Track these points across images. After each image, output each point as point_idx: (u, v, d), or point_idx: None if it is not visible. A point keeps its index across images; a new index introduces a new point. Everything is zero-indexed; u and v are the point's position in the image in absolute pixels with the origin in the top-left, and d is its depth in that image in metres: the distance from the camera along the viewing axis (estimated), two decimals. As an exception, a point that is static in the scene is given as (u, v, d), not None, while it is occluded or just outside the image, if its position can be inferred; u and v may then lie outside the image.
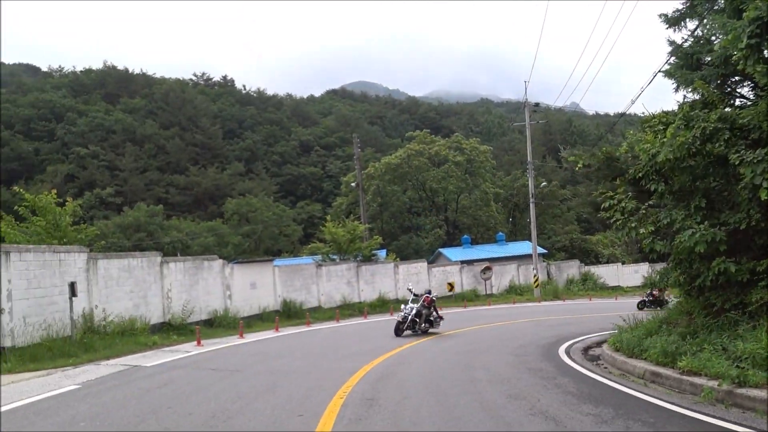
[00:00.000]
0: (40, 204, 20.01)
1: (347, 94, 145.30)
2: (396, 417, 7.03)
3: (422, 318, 17.44)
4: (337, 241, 34.31)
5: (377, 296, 32.13)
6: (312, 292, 28.39)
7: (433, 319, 17.88)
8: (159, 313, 18.92)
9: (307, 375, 10.42)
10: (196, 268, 21.06)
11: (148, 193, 76.50)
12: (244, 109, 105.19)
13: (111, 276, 17.14)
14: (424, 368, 10.91)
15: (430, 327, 17.89)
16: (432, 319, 17.86)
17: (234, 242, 58.26)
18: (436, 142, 64.60)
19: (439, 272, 38.30)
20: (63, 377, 10.79)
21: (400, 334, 16.92)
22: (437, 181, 60.77)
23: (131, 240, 51.93)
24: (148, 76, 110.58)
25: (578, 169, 12.74)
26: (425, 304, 17.64)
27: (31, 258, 14.36)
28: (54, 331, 14.32)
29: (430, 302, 17.76)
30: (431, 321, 17.84)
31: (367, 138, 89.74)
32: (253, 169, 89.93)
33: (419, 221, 66.26)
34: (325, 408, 7.51)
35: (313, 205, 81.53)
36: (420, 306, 17.53)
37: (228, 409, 7.65)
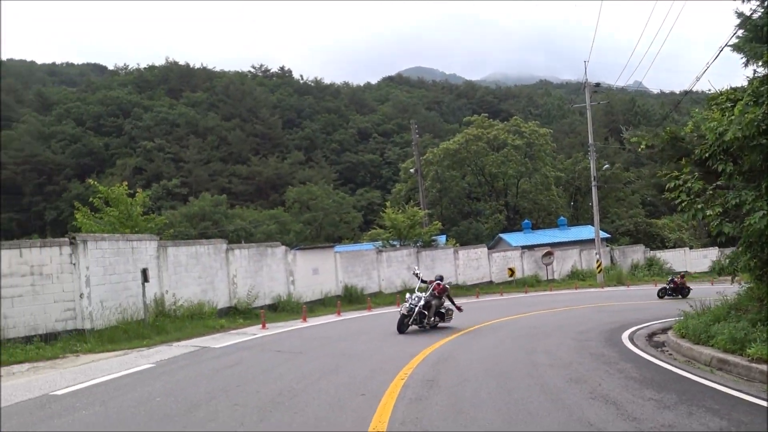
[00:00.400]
0: (112, 195, 20.92)
1: (404, 81, 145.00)
2: (456, 398, 7.14)
3: (432, 310, 14.87)
4: (397, 227, 34.46)
5: (437, 282, 32.15)
6: (372, 278, 28.70)
7: (444, 311, 15.43)
8: (225, 298, 19.57)
9: (369, 357, 10.63)
10: (259, 255, 21.64)
11: (212, 183, 78.65)
12: (302, 99, 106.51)
13: (180, 262, 17.85)
14: (485, 352, 10.96)
15: (441, 321, 15.41)
16: (443, 311, 15.40)
17: (295, 229, 59.25)
18: (494, 126, 63.69)
19: (499, 258, 38.05)
20: (138, 357, 11.39)
21: (404, 330, 14.19)
22: (496, 165, 60.00)
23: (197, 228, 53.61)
24: (209, 70, 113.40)
25: (641, 151, 12.42)
26: (435, 293, 14.99)
27: (106, 246, 15.12)
28: (128, 314, 15.07)
29: (441, 290, 15.13)
30: (442, 314, 15.38)
31: (425, 124, 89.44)
32: (312, 157, 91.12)
33: (479, 206, 65.70)
34: (386, 388, 7.68)
35: (373, 192, 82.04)
36: (429, 295, 14.85)
37: (293, 388, 7.94)
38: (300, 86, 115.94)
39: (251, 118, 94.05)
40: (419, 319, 14.56)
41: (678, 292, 25.28)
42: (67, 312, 13.81)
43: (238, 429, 5.99)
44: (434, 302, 14.91)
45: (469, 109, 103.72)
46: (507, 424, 5.89)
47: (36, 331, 13.17)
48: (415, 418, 6.17)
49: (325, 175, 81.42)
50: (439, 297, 15.13)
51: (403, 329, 14.17)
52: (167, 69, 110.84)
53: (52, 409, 7.18)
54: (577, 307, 21.51)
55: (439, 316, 15.27)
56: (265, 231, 55.93)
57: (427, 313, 14.68)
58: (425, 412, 6.46)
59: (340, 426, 6.01)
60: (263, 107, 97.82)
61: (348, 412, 6.59)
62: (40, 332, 13.18)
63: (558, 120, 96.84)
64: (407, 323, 14.28)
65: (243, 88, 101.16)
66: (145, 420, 6.48)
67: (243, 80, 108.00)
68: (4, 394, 8.13)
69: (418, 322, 14.59)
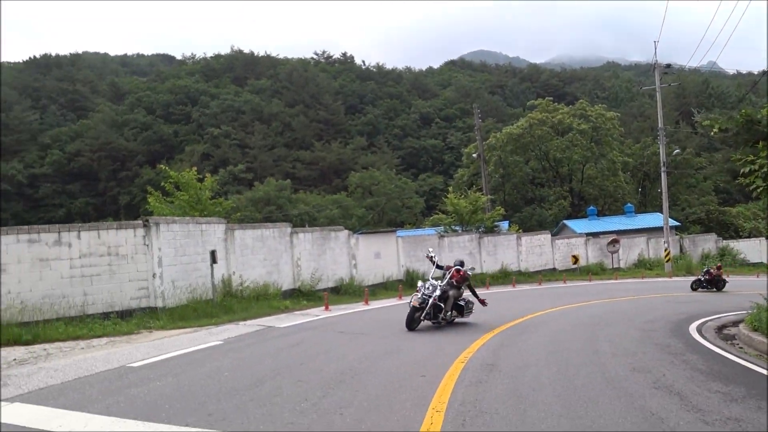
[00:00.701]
0: (183, 180, 21.71)
1: (466, 65, 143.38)
2: (516, 382, 7.15)
3: (449, 302, 12.53)
4: (459, 213, 34.34)
5: (499, 267, 31.94)
6: (434, 263, 28.72)
7: (463, 303, 13.10)
8: (290, 280, 20.05)
9: (429, 340, 10.72)
10: (323, 239, 22.03)
11: (276, 168, 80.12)
12: (364, 85, 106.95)
13: (246, 245, 18.39)
14: (546, 338, 10.89)
15: (459, 315, 13.07)
16: (461, 304, 13.06)
17: (358, 214, 59.83)
18: (559, 110, 62.20)
19: (563, 244, 37.40)
20: (207, 334, 11.86)
21: (414, 326, 11.96)
22: (561, 150, 58.73)
23: (262, 213, 54.84)
24: (272, 58, 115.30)
25: (714, 135, 11.95)
26: (454, 281, 12.77)
27: (177, 229, 15.75)
28: (198, 294, 15.68)
29: (461, 279, 12.93)
30: (460, 307, 13.01)
31: (488, 108, 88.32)
32: (375, 142, 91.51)
33: (542, 192, 64.55)
34: (446, 371, 7.75)
35: (435, 177, 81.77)
36: (446, 284, 12.58)
37: (355, 368, 8.13)
38: (362, 72, 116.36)
39: (314, 104, 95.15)
40: (433, 313, 12.28)
41: (713, 284, 23.54)
42: (141, 291, 14.52)
43: (302, 404, 6.20)
44: (452, 293, 12.64)
45: (533, 93, 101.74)
46: (566, 410, 5.87)
47: (113, 308, 13.91)
48: (475, 400, 6.23)
49: (388, 161, 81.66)
50: (457, 287, 12.92)
51: (413, 325, 11.93)
52: (232, 57, 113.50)
53: (129, 380, 7.63)
54: (642, 296, 20.95)
55: (456, 310, 12.97)
56: (328, 216, 56.68)
57: (443, 306, 12.38)
58: (485, 394, 6.51)
59: (401, 404, 6.12)
60: (326, 93, 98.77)
61: (408, 392, 6.71)
62: (116, 309, 13.92)
63: (626, 103, 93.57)
64: (418, 318, 12.08)
65: (306, 75, 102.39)
66: (215, 392, 6.80)
67: (306, 67, 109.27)
68: (86, 365, 8.71)
69: (431, 317, 12.31)
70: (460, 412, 5.80)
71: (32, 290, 12.98)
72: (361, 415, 5.78)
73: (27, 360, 9.46)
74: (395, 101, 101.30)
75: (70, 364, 8.88)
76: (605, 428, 5.24)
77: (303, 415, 5.78)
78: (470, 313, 13.28)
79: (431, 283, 12.55)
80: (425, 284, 12.60)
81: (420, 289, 12.42)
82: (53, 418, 5.85)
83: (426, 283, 12.61)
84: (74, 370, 8.36)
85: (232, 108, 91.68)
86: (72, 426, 5.56)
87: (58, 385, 7.44)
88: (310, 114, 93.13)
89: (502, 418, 5.57)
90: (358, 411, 5.91)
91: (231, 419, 5.64)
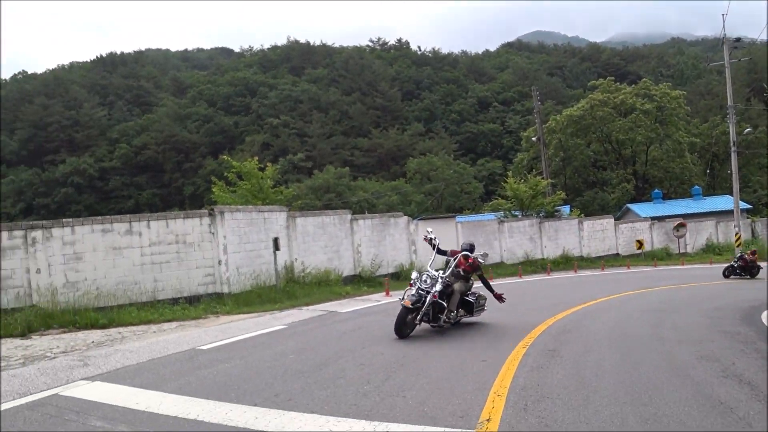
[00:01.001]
0: (245, 170, 22.28)
1: (523, 46, 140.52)
2: (578, 368, 7.07)
3: (454, 299, 9.94)
4: (519, 197, 33.97)
5: (561, 253, 31.47)
6: (494, 248, 28.56)
7: (473, 299, 10.48)
8: (350, 266, 20.32)
9: (490, 326, 10.69)
10: (382, 225, 22.20)
11: (335, 156, 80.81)
12: (420, 70, 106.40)
13: (307, 232, 18.74)
14: (609, 324, 10.69)
15: (468, 314, 10.52)
16: (471, 300, 10.42)
17: (417, 200, 59.74)
18: (621, 89, 60.20)
19: (626, 229, 36.46)
20: (271, 319, 12.20)
21: (408, 333, 9.29)
22: (624, 132, 56.93)
23: (322, 200, 55.49)
24: (328, 47, 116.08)
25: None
26: (461, 270, 10.27)
27: (241, 217, 16.20)
28: (261, 280, 16.12)
29: (471, 268, 10.34)
30: (470, 304, 10.40)
31: (547, 90, 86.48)
32: (432, 128, 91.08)
33: (605, 175, 62.84)
34: (507, 356, 7.74)
35: (494, 162, 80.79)
36: (450, 275, 10.04)
37: (416, 352, 8.22)
38: (418, 57, 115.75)
39: (371, 92, 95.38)
40: (432, 314, 9.57)
41: (746, 271, 22.01)
42: (208, 277, 15.03)
43: (364, 386, 6.33)
44: (457, 286, 10.04)
45: (594, 73, 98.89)
46: (630, 396, 5.77)
47: (181, 293, 14.48)
48: (536, 385, 6.21)
49: (446, 146, 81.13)
50: (465, 277, 10.37)
51: (405, 331, 9.23)
52: (289, 48, 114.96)
53: (199, 361, 7.98)
54: (711, 282, 20.25)
55: (464, 307, 10.40)
56: (387, 202, 56.86)
57: (446, 305, 9.68)
58: (546, 379, 6.48)
59: (462, 388, 6.17)
60: (382, 80, 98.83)
61: (469, 376, 6.76)
62: (184, 295, 14.49)
63: (692, 81, 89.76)
64: (412, 321, 9.33)
65: (362, 63, 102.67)
66: (280, 374, 7.02)
67: (361, 54, 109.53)
68: (159, 347, 9.15)
69: (430, 319, 9.62)
70: (521, 396, 5.80)
71: (106, 277, 13.67)
72: (422, 397, 5.85)
73: (104, 342, 10.01)
74: (452, 86, 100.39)
75: (143, 346, 9.35)
76: (671, 416, 5.13)
77: (366, 397, 5.91)
78: (482, 311, 10.77)
79: (429, 275, 9.71)
80: (421, 276, 9.74)
81: (414, 283, 9.63)
82: (131, 396, 6.20)
83: (422, 275, 9.75)
84: (148, 352, 8.81)
85: (290, 98, 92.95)
86: (148, 403, 5.86)
87: (133, 365, 7.87)
88: (367, 101, 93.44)
89: (564, 404, 5.53)
90: (419, 394, 5.99)
91: (297, 400, 5.82)
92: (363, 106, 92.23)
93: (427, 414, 5.32)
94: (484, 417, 5.15)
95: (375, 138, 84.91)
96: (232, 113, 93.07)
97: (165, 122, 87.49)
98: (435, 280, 9.59)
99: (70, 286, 13.39)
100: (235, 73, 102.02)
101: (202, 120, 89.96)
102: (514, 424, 4.95)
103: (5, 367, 8.22)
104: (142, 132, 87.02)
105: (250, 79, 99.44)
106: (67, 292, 13.26)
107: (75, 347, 9.61)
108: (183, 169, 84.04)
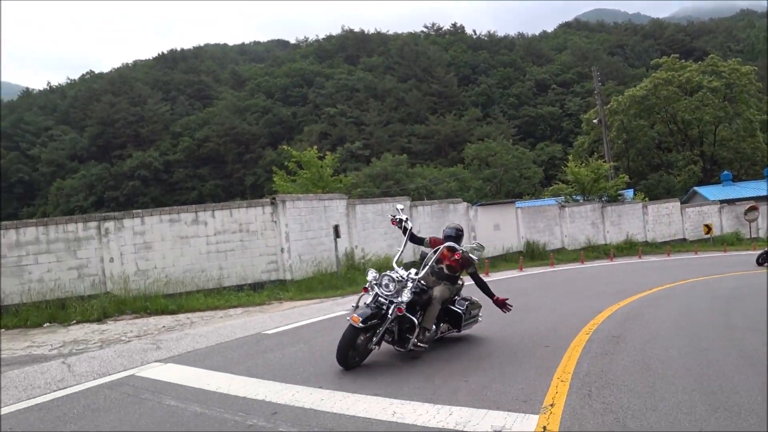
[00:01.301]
0: (305, 159, 22.63)
1: (582, 25, 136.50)
2: (643, 354, 6.92)
3: (431, 311, 7.08)
4: (580, 182, 33.28)
5: (624, 238, 30.68)
6: (555, 234, 28.14)
7: (463, 307, 7.74)
8: (410, 253, 20.38)
9: (552, 312, 10.58)
10: (441, 211, 22.19)
11: (392, 143, 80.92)
12: (476, 54, 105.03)
13: (367, 219, 18.92)
14: (676, 311, 10.36)
15: (454, 327, 7.79)
16: (460, 310, 7.67)
17: (475, 186, 59.27)
18: (686, 67, 57.74)
19: (693, 213, 35.16)
20: (333, 305, 12.41)
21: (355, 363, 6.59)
22: (690, 111, 54.68)
23: (380, 188, 55.73)
24: (383, 34, 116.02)
25: None
26: (444, 268, 7.53)
27: (302, 205, 16.49)
28: (323, 267, 16.41)
29: (459, 263, 7.43)
30: (457, 315, 7.66)
31: (608, 70, 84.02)
32: (489, 113, 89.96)
33: (670, 157, 60.71)
34: (570, 342, 7.66)
35: (553, 146, 79.17)
36: (428, 275, 7.33)
37: (478, 336, 8.25)
38: (473, 41, 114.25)
39: (427, 78, 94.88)
40: (398, 334, 6.85)
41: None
42: (271, 264, 15.40)
43: (427, 369, 6.40)
44: (438, 291, 7.20)
45: (657, 51, 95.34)
46: (699, 384, 5.62)
47: (245, 281, 14.90)
48: (601, 372, 6.13)
49: (504, 131, 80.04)
50: (451, 277, 7.55)
51: (351, 361, 6.52)
52: (344, 37, 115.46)
53: (265, 345, 8.26)
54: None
55: (450, 320, 7.69)
56: (445, 189, 56.65)
57: (417, 320, 6.83)
58: (611, 366, 6.38)
59: (524, 373, 6.16)
60: (438, 66, 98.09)
61: (532, 361, 6.73)
62: (248, 282, 14.91)
63: (764, 55, 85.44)
64: (364, 345, 6.60)
65: (417, 49, 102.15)
66: (344, 358, 7.15)
67: (416, 41, 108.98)
68: (226, 332, 9.49)
69: (395, 341, 6.91)
70: (585, 382, 5.74)
71: (174, 265, 14.19)
72: (485, 381, 5.88)
73: (174, 327, 10.46)
74: (509, 69, 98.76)
75: (211, 331, 9.71)
76: (741, 405, 4.98)
77: (428, 380, 5.97)
78: (473, 323, 8.05)
79: (393, 276, 6.69)
80: (381, 277, 6.74)
81: (372, 287, 6.72)
82: (202, 377, 6.50)
83: (382, 277, 6.74)
84: (216, 336, 9.16)
85: (346, 87, 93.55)
86: (218, 384, 6.12)
87: (203, 349, 8.22)
88: (423, 88, 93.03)
89: (629, 390, 5.45)
90: (482, 378, 6.02)
91: (360, 382, 5.94)
92: (419, 93, 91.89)
93: (489, 398, 5.34)
94: (548, 402, 5.14)
95: (432, 124, 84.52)
96: (290, 104, 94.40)
97: (225, 115, 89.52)
98: (402, 284, 6.59)
99: (141, 274, 14.00)
100: (292, 64, 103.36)
101: (260, 111, 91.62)
102: (578, 410, 4.91)
103: (84, 349, 8.75)
104: (204, 125, 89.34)
105: (307, 69, 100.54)
106: (138, 279, 13.87)
107: (147, 332, 10.08)
108: (244, 160, 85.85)
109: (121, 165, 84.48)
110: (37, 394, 6.18)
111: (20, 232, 13.13)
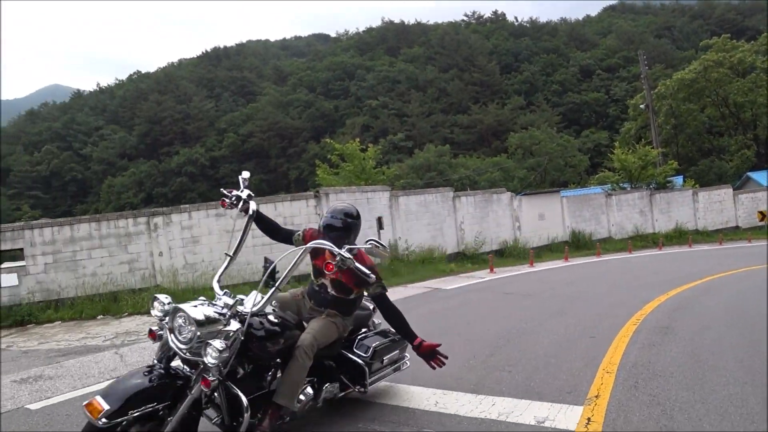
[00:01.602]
0: (347, 152, 22.77)
1: (627, 8, 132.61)
2: (693, 346, 6.77)
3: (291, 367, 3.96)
4: (627, 169, 32.55)
5: (673, 226, 29.91)
6: (601, 223, 27.65)
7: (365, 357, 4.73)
8: (453, 244, 20.37)
9: (598, 302, 10.43)
10: (485, 202, 22.05)
11: (435, 134, 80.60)
12: (518, 42, 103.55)
13: (410, 210, 18.96)
14: (726, 302, 10.07)
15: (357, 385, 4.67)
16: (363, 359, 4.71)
17: (519, 176, 58.64)
18: (739, 47, 55.55)
19: (747, 199, 33.98)
20: (377, 297, 12.46)
21: None
22: (743, 93, 52.69)
23: (423, 179, 55.65)
24: (423, 24, 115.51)
25: None
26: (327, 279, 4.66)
27: (345, 197, 16.64)
28: (366, 259, 16.50)
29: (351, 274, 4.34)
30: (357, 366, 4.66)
31: (655, 53, 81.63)
32: (533, 101, 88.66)
33: (722, 142, 58.74)
34: (617, 332, 7.55)
35: (599, 133, 77.57)
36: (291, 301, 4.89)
37: (522, 328, 8.19)
38: (515, 29, 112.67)
39: (468, 67, 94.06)
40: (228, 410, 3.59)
41: None
42: (316, 257, 15.57)
43: (470, 360, 6.42)
44: (309, 334, 4.22)
45: (707, 32, 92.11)
46: (751, 377, 5.46)
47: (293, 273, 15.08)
48: (648, 363, 6.04)
49: (548, 119, 78.77)
50: (342, 302, 4.71)
51: None
52: (384, 29, 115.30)
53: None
54: None
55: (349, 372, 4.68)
56: (489, 179, 56.18)
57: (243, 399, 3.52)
58: (659, 357, 6.27)
59: (569, 364, 6.11)
60: (479, 55, 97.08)
61: (577, 352, 6.66)
62: (295, 274, 15.05)
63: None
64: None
65: (457, 38, 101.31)
66: (388, 350, 7.20)
67: (457, 30, 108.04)
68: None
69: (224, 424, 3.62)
70: (632, 373, 5.66)
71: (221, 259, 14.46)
72: (529, 372, 5.86)
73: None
74: (552, 56, 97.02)
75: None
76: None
77: (472, 371, 5.99)
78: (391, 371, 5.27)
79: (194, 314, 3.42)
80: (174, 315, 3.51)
81: (158, 330, 3.73)
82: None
83: (177, 314, 3.50)
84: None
85: (387, 79, 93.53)
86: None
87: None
88: (465, 77, 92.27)
89: (678, 382, 5.35)
90: (525, 369, 6.00)
91: (404, 373, 5.97)
92: (461, 83, 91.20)
93: (533, 389, 5.33)
94: (593, 393, 5.09)
95: (474, 114, 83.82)
96: (332, 97, 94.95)
97: (268, 110, 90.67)
98: (213, 328, 3.49)
99: (189, 267, 14.37)
100: (333, 58, 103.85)
101: (303, 106, 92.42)
102: (624, 402, 4.85)
103: (136, 340, 9.13)
104: (248, 121, 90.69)
105: (348, 62, 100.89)
106: (186, 272, 14.25)
107: (197, 324, 10.32)
108: (287, 155, 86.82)
109: (168, 162, 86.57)
110: (91, 383, 6.48)
111: (74, 229, 13.65)
